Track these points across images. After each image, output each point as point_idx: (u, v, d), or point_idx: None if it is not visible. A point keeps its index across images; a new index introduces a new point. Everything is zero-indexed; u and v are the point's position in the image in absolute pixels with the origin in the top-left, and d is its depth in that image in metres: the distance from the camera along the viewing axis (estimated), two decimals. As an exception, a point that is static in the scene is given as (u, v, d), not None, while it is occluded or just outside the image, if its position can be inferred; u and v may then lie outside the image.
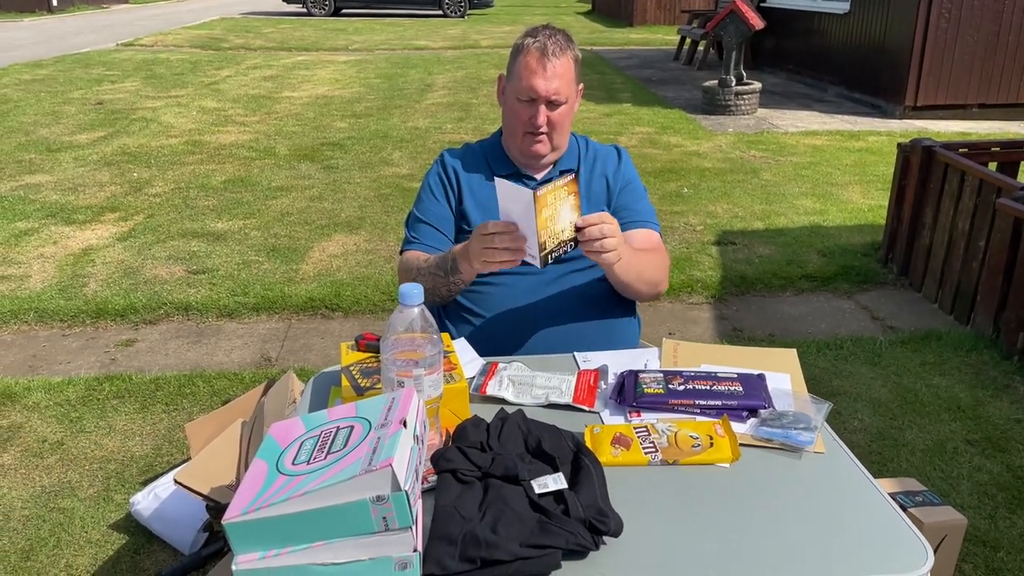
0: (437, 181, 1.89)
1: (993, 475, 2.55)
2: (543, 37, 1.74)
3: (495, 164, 1.86)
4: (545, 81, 1.71)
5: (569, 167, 1.86)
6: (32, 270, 4.18)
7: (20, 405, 2.95)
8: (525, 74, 1.73)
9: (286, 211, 5.14)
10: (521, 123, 1.77)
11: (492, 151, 1.90)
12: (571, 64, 1.75)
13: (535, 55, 1.73)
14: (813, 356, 3.32)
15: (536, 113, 1.74)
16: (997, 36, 7.57)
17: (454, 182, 1.87)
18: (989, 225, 3.45)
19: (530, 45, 1.74)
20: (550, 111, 1.74)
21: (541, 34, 1.75)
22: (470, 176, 1.87)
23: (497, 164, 1.86)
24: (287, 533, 0.95)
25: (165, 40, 14.80)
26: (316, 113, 8.25)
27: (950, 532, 1.95)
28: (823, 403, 1.38)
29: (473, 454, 1.18)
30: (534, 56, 1.73)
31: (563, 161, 1.87)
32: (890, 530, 1.11)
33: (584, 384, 1.46)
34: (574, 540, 1.03)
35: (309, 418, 1.12)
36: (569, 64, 1.75)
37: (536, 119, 1.74)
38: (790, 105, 8.71)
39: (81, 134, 7.27)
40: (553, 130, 1.77)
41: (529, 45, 1.74)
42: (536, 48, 1.73)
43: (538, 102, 1.73)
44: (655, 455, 1.25)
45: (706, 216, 5.05)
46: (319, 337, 3.54)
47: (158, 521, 2.23)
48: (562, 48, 1.73)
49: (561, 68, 1.73)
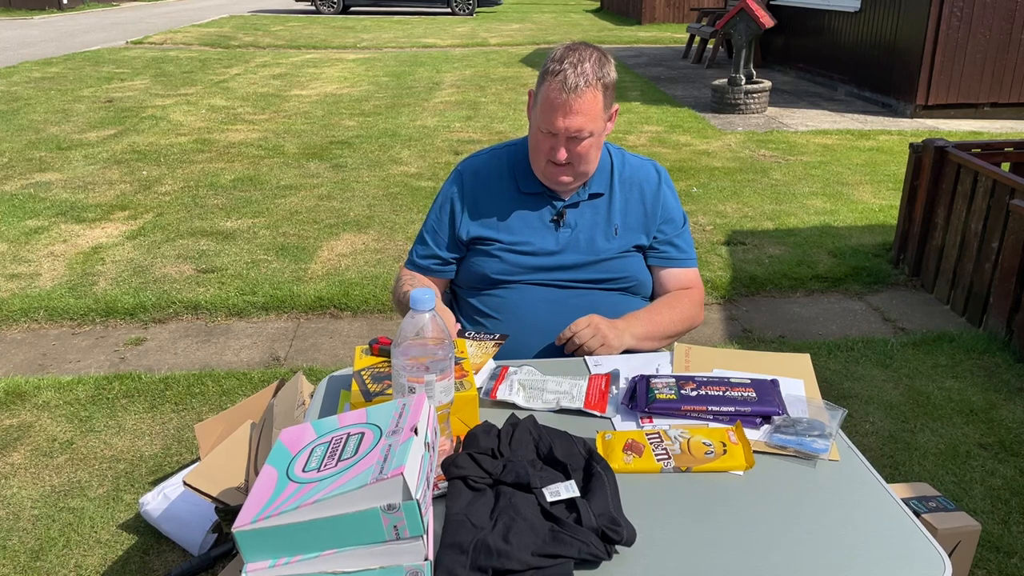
0: (448, 202, 1.83)
1: (1007, 479, 2.53)
2: (568, 65, 1.62)
3: (522, 181, 1.80)
4: (565, 119, 1.62)
5: (599, 191, 1.80)
6: (42, 268, 4.19)
7: (30, 404, 2.96)
8: (546, 107, 1.64)
9: (295, 210, 5.14)
10: (543, 152, 1.70)
11: (520, 165, 1.81)
12: (597, 96, 1.64)
13: (556, 88, 1.62)
14: (824, 358, 3.30)
15: (556, 146, 1.67)
16: (1009, 35, 7.51)
17: (467, 203, 1.81)
18: (1002, 226, 3.42)
19: (554, 74, 1.62)
20: (572, 146, 1.67)
21: (568, 60, 1.62)
22: (494, 196, 1.80)
23: (524, 181, 1.80)
24: (297, 541, 0.95)
25: (175, 38, 14.84)
26: (325, 111, 8.25)
27: (964, 538, 1.93)
28: (837, 409, 1.37)
29: (484, 460, 1.17)
30: (556, 89, 1.62)
31: (592, 183, 1.80)
32: (907, 540, 1.10)
33: (595, 389, 1.45)
34: (586, 549, 1.02)
35: (319, 424, 1.11)
36: (595, 96, 1.63)
37: (556, 153, 1.67)
38: (800, 104, 8.66)
39: (91, 132, 7.29)
40: (577, 161, 1.70)
41: (554, 74, 1.62)
42: (559, 80, 1.61)
43: (559, 136, 1.66)
44: (668, 462, 1.24)
45: (716, 216, 5.03)
46: (328, 337, 3.54)
47: (167, 521, 2.23)
48: (587, 80, 1.61)
49: (585, 104, 1.62)
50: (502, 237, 1.78)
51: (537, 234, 1.78)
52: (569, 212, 1.79)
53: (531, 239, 1.77)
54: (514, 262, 1.77)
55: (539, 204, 1.79)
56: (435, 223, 1.84)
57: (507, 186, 1.81)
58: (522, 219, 1.79)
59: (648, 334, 1.72)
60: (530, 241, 1.77)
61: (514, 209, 1.79)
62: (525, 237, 1.77)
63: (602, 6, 22.54)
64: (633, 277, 1.81)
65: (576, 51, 1.65)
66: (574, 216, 1.79)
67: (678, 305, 1.81)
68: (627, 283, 1.81)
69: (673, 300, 1.82)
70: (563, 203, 1.79)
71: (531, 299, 1.77)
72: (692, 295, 1.85)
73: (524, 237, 1.77)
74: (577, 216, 1.79)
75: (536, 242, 1.77)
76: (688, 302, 1.83)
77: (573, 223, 1.79)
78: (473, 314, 1.82)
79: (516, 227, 1.78)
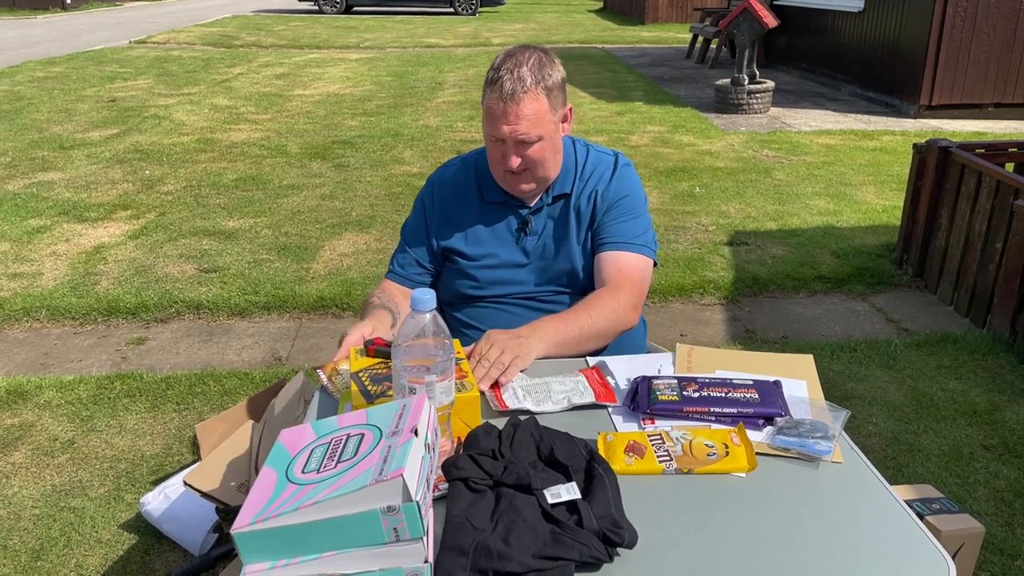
0: (420, 212, 1.83)
1: (1010, 481, 2.52)
2: (505, 72, 1.57)
3: (486, 190, 1.77)
4: (508, 125, 1.58)
5: (562, 192, 1.75)
6: (44, 268, 4.19)
7: (32, 403, 2.96)
8: (488, 116, 1.61)
9: (297, 209, 5.14)
10: (496, 162, 1.67)
11: (485, 173, 1.78)
12: (540, 98, 1.59)
13: (495, 97, 1.58)
14: (827, 359, 3.29)
15: (507, 153, 1.62)
16: (1013, 35, 7.49)
17: (436, 216, 1.80)
18: (1006, 227, 3.40)
19: (492, 83, 1.59)
20: (523, 150, 1.62)
21: (504, 67, 1.58)
22: (456, 204, 1.79)
23: (488, 190, 1.77)
24: (297, 543, 0.94)
25: (178, 38, 14.85)
26: (327, 111, 8.25)
27: (968, 541, 1.92)
28: (840, 411, 1.36)
29: (485, 462, 1.16)
30: (494, 98, 1.58)
31: (556, 186, 1.75)
32: (911, 543, 1.09)
33: (594, 383, 1.45)
34: (588, 552, 1.02)
35: (319, 425, 1.10)
36: (537, 100, 1.58)
37: (509, 161, 1.62)
38: (803, 104, 8.65)
39: (94, 131, 7.29)
40: (533, 167, 1.65)
41: (492, 82, 1.59)
42: (497, 88, 1.57)
43: (507, 143, 1.61)
44: (669, 464, 1.23)
45: (718, 216, 5.02)
46: (329, 336, 3.53)
47: (168, 521, 2.23)
48: (525, 86, 1.56)
49: (526, 108, 1.57)
50: (469, 251, 1.76)
51: (504, 246, 1.76)
52: (534, 219, 1.76)
53: (497, 251, 1.76)
54: (484, 278, 1.76)
55: (504, 213, 1.77)
56: (411, 233, 1.84)
57: (473, 196, 1.78)
58: (488, 230, 1.77)
59: (563, 340, 1.57)
60: (496, 253, 1.75)
61: (479, 220, 1.77)
62: (491, 249, 1.76)
63: (605, 6, 22.53)
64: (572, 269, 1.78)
65: (513, 57, 1.61)
66: (540, 222, 1.77)
67: (597, 307, 1.64)
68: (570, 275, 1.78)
69: (592, 301, 1.66)
70: (527, 210, 1.77)
71: (510, 311, 1.76)
72: (618, 293, 1.67)
73: (490, 249, 1.76)
74: (543, 221, 1.77)
75: (503, 254, 1.76)
76: (611, 301, 1.65)
77: (539, 229, 1.76)
78: (460, 327, 1.81)
79: (483, 239, 1.77)
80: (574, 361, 1.58)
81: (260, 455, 2.11)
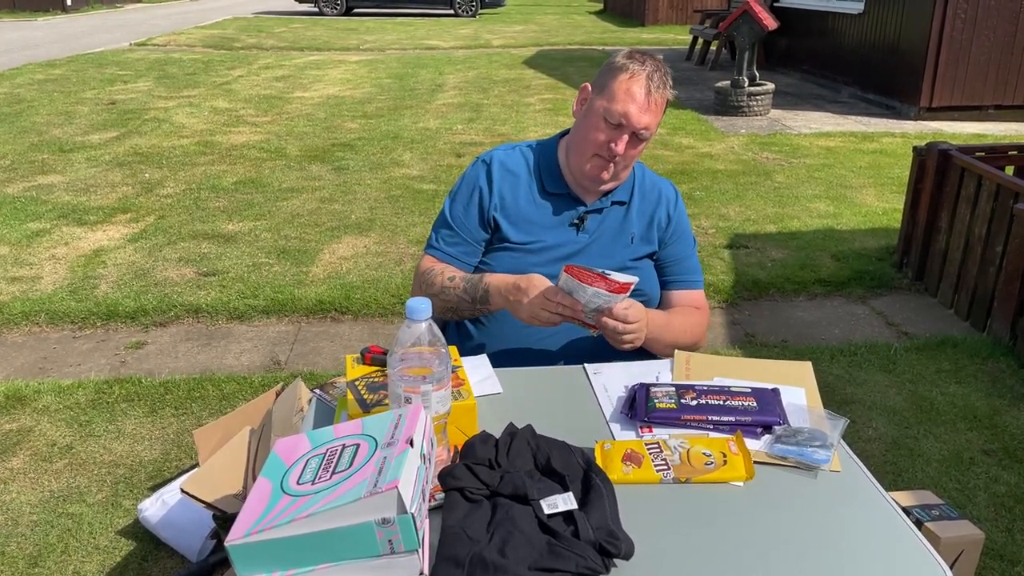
0: (475, 189, 1.78)
1: (1011, 487, 2.51)
2: (651, 67, 1.64)
3: (548, 181, 1.78)
4: (640, 113, 1.63)
5: (620, 199, 1.79)
6: (43, 271, 4.19)
7: (30, 408, 2.95)
8: (623, 98, 1.63)
9: (296, 212, 5.14)
10: (596, 144, 1.67)
11: (547, 165, 1.79)
12: (663, 106, 1.69)
13: (640, 82, 1.63)
14: (827, 363, 3.28)
15: (618, 140, 1.65)
16: (1014, 37, 7.48)
17: (495, 197, 1.76)
18: (1006, 230, 3.40)
19: (637, 70, 1.64)
20: (631, 143, 1.67)
21: (649, 63, 1.65)
22: (516, 191, 1.77)
23: (550, 182, 1.78)
24: (291, 555, 0.93)
25: (178, 40, 14.86)
26: (327, 113, 8.26)
27: (967, 547, 1.91)
28: (839, 419, 1.35)
29: (481, 471, 1.15)
30: (639, 83, 1.63)
31: (616, 192, 1.79)
32: (908, 553, 1.08)
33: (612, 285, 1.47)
34: (584, 564, 1.01)
35: (315, 434, 1.10)
36: (664, 103, 1.69)
37: (616, 146, 1.65)
38: (803, 106, 8.65)
39: (93, 134, 7.29)
40: (623, 163, 1.70)
41: (636, 70, 1.64)
42: (643, 75, 1.63)
43: (624, 129, 1.64)
44: (667, 473, 1.22)
45: (718, 219, 5.01)
46: (328, 340, 3.53)
47: (166, 528, 2.22)
48: (665, 85, 1.66)
49: (657, 106, 1.66)
50: (516, 237, 1.74)
51: (551, 232, 1.75)
52: (591, 218, 1.77)
53: (545, 237, 1.75)
54: (526, 263, 1.73)
55: (561, 207, 1.77)
56: (463, 208, 1.78)
57: (532, 186, 1.78)
58: (540, 219, 1.76)
59: (659, 334, 1.68)
60: (544, 239, 1.75)
61: (535, 208, 1.76)
62: (539, 236, 1.75)
63: (605, 8, 22.54)
64: (640, 288, 1.78)
65: (647, 56, 1.68)
66: (595, 222, 1.77)
67: (690, 318, 1.82)
68: (640, 296, 1.76)
69: (687, 312, 1.83)
70: (586, 208, 1.77)
71: None
72: (702, 316, 1.87)
73: (539, 236, 1.75)
74: (598, 223, 1.77)
75: (549, 239, 1.75)
76: (699, 319, 1.85)
77: (592, 229, 1.77)
78: (466, 322, 1.78)
79: (533, 227, 1.75)
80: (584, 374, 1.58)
81: (258, 462, 2.11)
